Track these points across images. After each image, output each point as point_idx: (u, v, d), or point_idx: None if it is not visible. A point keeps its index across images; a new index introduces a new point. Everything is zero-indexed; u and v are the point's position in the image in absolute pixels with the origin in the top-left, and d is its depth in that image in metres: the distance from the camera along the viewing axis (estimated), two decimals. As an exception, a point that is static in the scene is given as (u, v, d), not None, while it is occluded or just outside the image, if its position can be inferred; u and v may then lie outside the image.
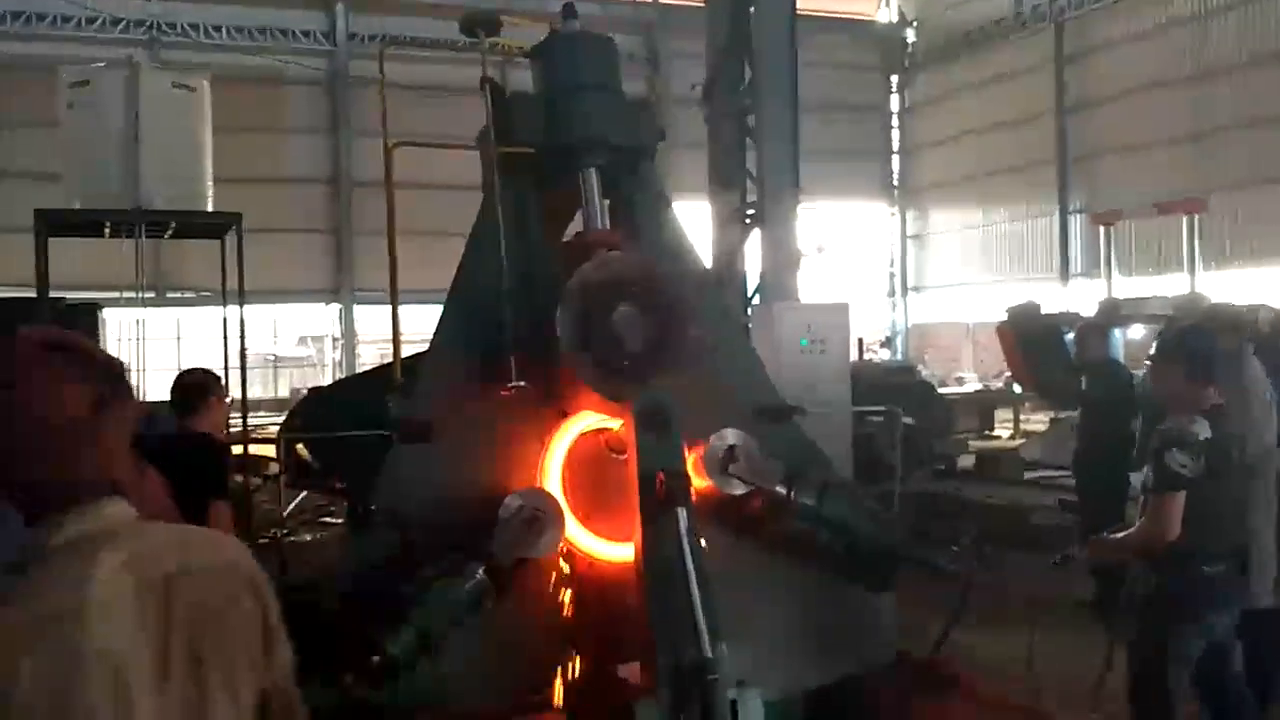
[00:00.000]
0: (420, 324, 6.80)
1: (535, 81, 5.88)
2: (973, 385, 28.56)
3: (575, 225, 5.89)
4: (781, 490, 5.43)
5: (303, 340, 35.40)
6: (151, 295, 26.52)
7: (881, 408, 9.53)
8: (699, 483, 5.34)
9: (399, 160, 5.83)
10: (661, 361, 4.98)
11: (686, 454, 5.21)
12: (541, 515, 4.99)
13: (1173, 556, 4.32)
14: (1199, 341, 4.60)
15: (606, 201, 5.79)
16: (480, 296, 5.43)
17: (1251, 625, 5.96)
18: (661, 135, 6.06)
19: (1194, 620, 4.32)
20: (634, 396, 4.90)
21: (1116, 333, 11.43)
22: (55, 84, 10.77)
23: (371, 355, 29.83)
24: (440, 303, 5.64)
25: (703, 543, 4.89)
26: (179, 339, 29.08)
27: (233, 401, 11.02)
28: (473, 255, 5.61)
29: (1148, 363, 5.72)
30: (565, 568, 5.25)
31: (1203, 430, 4.31)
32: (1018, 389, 18.51)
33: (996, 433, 19.98)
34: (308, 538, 11.39)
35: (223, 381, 5.41)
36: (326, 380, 27.37)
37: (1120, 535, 4.90)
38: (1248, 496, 4.55)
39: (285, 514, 11.56)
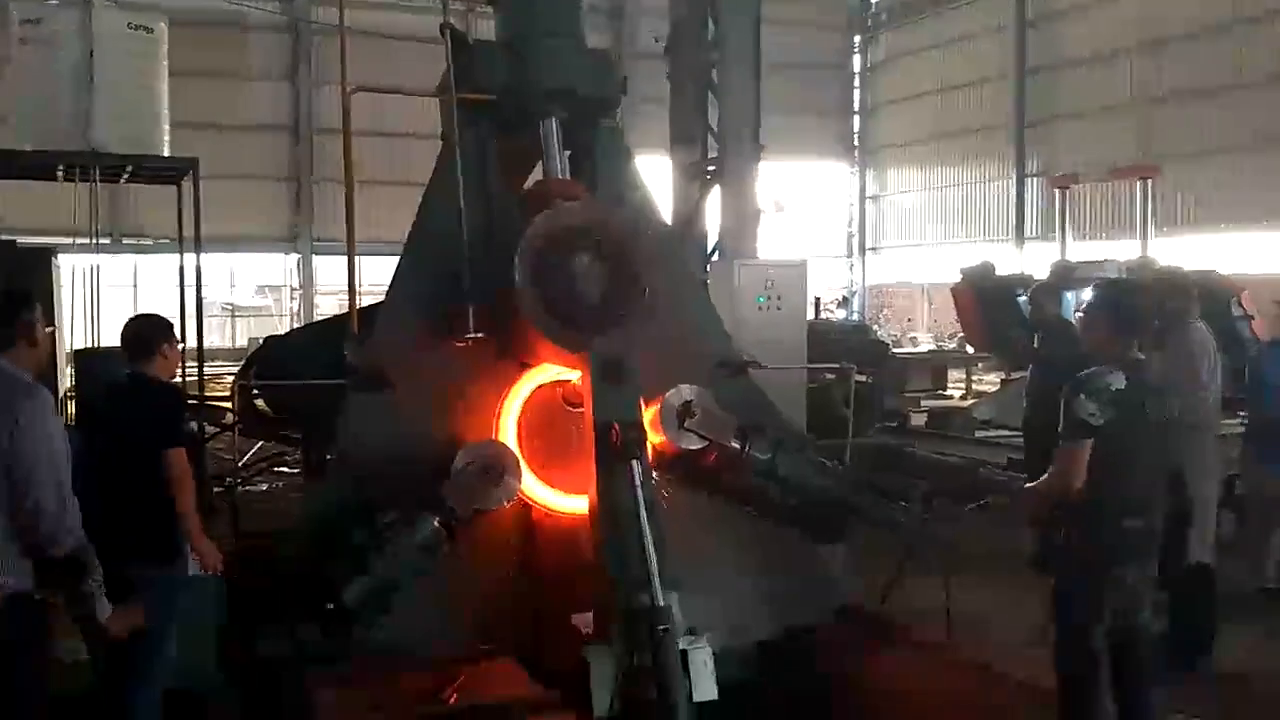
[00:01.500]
0: (381, 275, 6.76)
1: (497, 29, 5.84)
2: (927, 345, 28.82)
3: (537, 176, 5.86)
4: (736, 445, 5.50)
5: (261, 290, 35.08)
6: (108, 241, 26.16)
7: (834, 365, 9.62)
8: (656, 437, 5.39)
9: (361, 108, 5.77)
10: (618, 312, 5.01)
11: (643, 407, 5.27)
12: (496, 467, 5.03)
13: (1083, 508, 4.40)
14: (1127, 297, 4.69)
15: (568, 152, 5.78)
16: (438, 246, 5.42)
17: (1187, 581, 6.14)
18: (624, 87, 6.04)
19: (1105, 573, 4.38)
20: (590, 347, 4.93)
21: (1069, 295, 11.57)
22: (6, 20, 10.54)
23: (330, 306, 29.59)
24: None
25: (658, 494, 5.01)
26: (136, 286, 28.72)
27: (185, 349, 10.95)
28: (431, 205, 5.59)
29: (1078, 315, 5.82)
30: (521, 518, 5.31)
31: (1116, 381, 4.38)
32: (970, 349, 18.71)
33: (949, 392, 20.19)
34: (264, 487, 11.36)
35: (175, 328, 5.34)
36: (284, 330, 27.14)
37: (1031, 485, 4.99)
38: (1167, 453, 4.61)
39: (241, 464, 11.54)
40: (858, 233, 37.32)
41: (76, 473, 3.85)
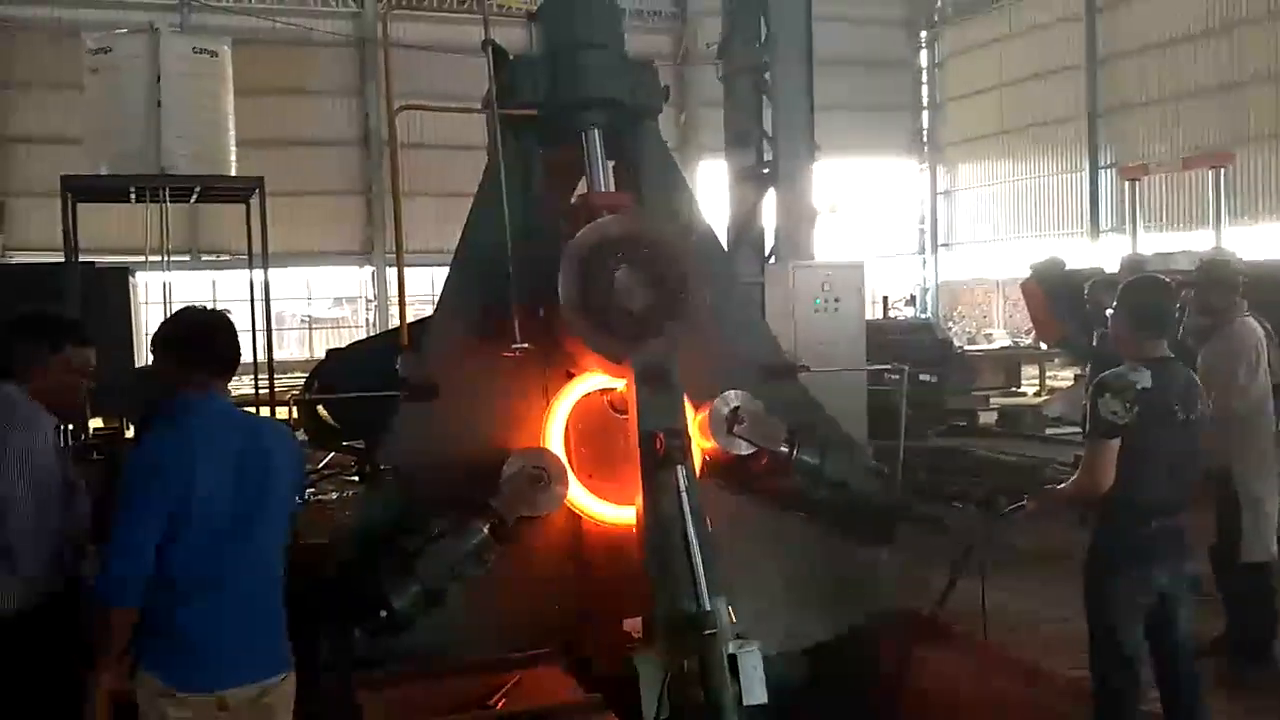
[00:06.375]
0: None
1: (537, 42, 5.91)
2: (1001, 342, 28.42)
3: (583, 187, 5.92)
4: (784, 449, 5.51)
5: (337, 302, 35.71)
6: (186, 258, 26.85)
7: (885, 365, 9.54)
8: (705, 444, 5.43)
9: (428, 122, 5.88)
10: (661, 322, 5.06)
11: (691, 415, 5.31)
12: (543, 474, 5.10)
13: (1109, 508, 4.34)
14: (1146, 293, 4.61)
15: (611, 162, 5.83)
16: (485, 259, 5.51)
17: (1242, 582, 6.00)
18: (666, 95, 6.06)
19: (1133, 573, 4.31)
20: (633, 357, 4.99)
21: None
22: (81, 49, 10.91)
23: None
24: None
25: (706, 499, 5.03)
26: (214, 301, 29.44)
27: (256, 363, 11.20)
28: (477, 218, 5.67)
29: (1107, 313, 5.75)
30: (571, 524, 5.37)
31: (1142, 380, 4.31)
32: (1043, 346, 18.43)
33: (1022, 390, 19.90)
34: (334, 495, 11.57)
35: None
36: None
37: (1060, 486, 4.94)
38: (1198, 452, 4.51)
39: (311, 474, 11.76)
40: (929, 229, 36.90)
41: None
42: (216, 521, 3.44)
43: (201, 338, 3.65)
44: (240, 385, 15.34)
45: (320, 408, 8.41)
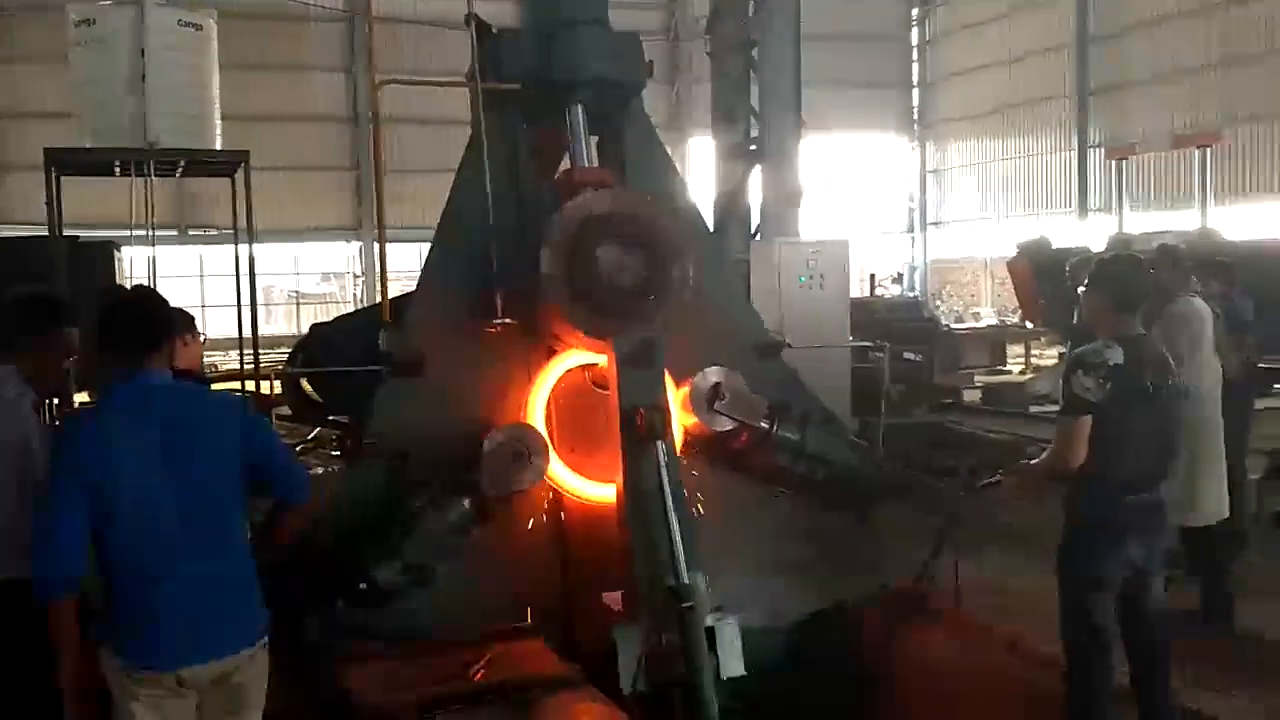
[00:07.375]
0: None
1: (521, 17, 5.89)
2: (989, 320, 28.47)
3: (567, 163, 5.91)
4: (765, 425, 5.54)
5: (325, 277, 35.62)
6: (174, 233, 26.73)
7: (868, 343, 9.59)
8: (687, 420, 5.46)
9: (418, 97, 5.86)
10: (644, 298, 5.06)
11: (673, 391, 5.33)
12: (525, 449, 5.13)
13: (1082, 484, 4.38)
14: (1122, 271, 4.65)
15: (595, 138, 5.83)
16: (468, 233, 5.51)
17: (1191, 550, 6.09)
18: (650, 70, 6.04)
19: (1107, 549, 4.35)
20: (616, 334, 5.00)
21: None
22: (65, 22, 10.82)
23: (393, 291, 29.93)
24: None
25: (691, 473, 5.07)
26: (202, 276, 29.33)
27: (242, 338, 11.20)
28: (460, 193, 5.67)
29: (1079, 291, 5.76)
30: (552, 498, 5.40)
31: (1115, 356, 4.34)
32: (1028, 324, 18.49)
33: (1008, 368, 19.94)
34: (320, 470, 11.61)
35: (195, 320, 5.39)
36: (347, 317, 27.48)
37: (1034, 461, 4.98)
38: (1170, 429, 4.55)
39: (298, 448, 11.81)
40: (918, 207, 36.89)
41: None
42: (149, 503, 3.39)
43: (106, 321, 3.57)
44: (227, 360, 15.35)
45: (304, 382, 8.42)
